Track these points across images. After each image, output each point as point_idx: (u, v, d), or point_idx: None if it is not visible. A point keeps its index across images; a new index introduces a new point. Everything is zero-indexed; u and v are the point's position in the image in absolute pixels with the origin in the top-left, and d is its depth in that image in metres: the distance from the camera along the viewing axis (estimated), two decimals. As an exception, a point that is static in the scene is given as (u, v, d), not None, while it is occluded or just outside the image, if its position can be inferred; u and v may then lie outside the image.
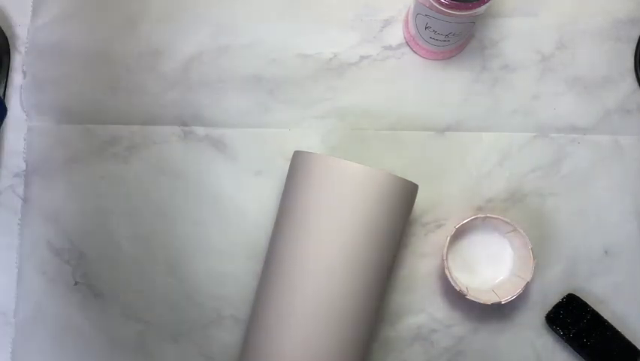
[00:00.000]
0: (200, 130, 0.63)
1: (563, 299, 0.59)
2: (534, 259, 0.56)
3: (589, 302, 0.59)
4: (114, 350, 0.61)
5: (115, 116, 0.64)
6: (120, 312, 0.61)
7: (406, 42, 0.63)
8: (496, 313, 0.60)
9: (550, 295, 0.60)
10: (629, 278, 0.61)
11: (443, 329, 0.60)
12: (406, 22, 0.62)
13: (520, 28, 0.64)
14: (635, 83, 0.63)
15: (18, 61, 0.65)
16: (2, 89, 0.64)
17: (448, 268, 0.56)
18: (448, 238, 0.57)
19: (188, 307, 0.61)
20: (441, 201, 0.62)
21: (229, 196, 0.62)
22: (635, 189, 0.62)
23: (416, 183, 0.54)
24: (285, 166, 0.62)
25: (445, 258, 0.56)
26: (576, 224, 0.61)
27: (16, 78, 0.65)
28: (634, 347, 0.58)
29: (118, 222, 0.62)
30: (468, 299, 0.56)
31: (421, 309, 0.61)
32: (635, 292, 0.61)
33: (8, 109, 0.64)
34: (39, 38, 0.65)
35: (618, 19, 0.64)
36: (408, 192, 0.54)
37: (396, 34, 0.64)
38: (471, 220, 0.57)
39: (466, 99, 0.63)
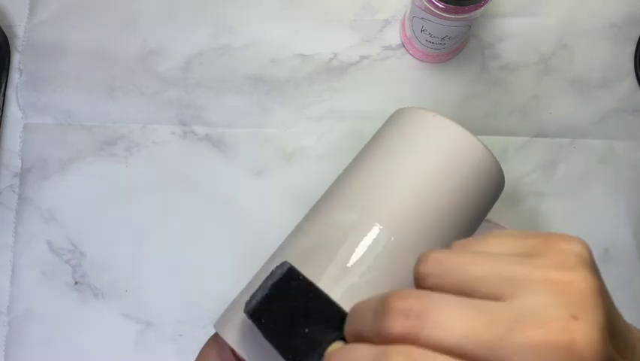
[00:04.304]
0: (199, 130, 0.63)
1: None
2: (529, 262, 0.56)
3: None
4: (114, 349, 0.61)
5: (114, 116, 0.64)
6: (120, 312, 0.61)
7: (403, 44, 0.63)
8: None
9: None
10: (624, 282, 0.61)
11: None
12: (403, 24, 0.62)
13: (519, 28, 0.63)
14: (633, 85, 0.62)
15: (18, 60, 0.65)
16: (2, 89, 0.65)
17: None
18: (445, 242, 0.57)
19: (188, 307, 0.61)
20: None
21: (229, 196, 0.62)
22: (630, 193, 0.62)
23: None
24: (285, 166, 0.62)
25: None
26: (571, 227, 0.61)
27: (17, 78, 0.65)
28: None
29: (118, 222, 0.63)
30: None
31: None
32: (629, 296, 0.60)
33: (8, 109, 0.65)
34: (36, 36, 0.65)
35: (618, 19, 0.63)
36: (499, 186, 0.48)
37: (396, 35, 0.64)
38: (467, 224, 0.57)
39: (466, 100, 0.63)
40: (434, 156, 0.44)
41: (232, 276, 0.61)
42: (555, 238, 0.26)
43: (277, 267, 0.35)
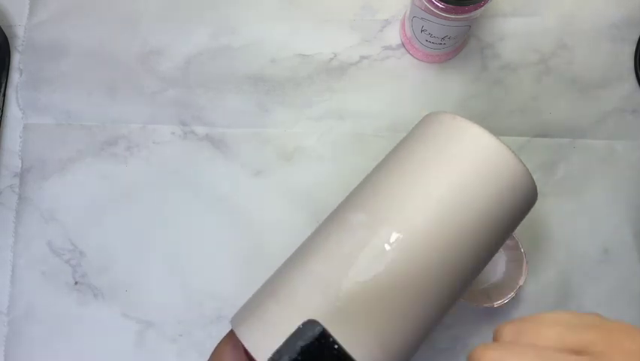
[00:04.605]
0: (199, 130, 0.63)
1: None
2: (527, 263, 0.56)
3: (584, 306, 0.59)
4: (114, 349, 0.61)
5: (114, 116, 0.64)
6: (120, 312, 0.61)
7: (403, 44, 0.63)
8: (491, 315, 0.60)
9: (544, 298, 0.60)
10: (623, 283, 0.60)
11: (442, 329, 0.61)
12: (403, 24, 0.62)
13: (519, 28, 0.63)
14: (633, 85, 0.62)
15: (18, 60, 0.65)
16: (2, 89, 0.65)
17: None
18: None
19: (188, 307, 0.61)
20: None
21: (229, 196, 0.62)
22: (630, 193, 0.61)
23: None
24: (285, 166, 0.62)
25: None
26: (571, 228, 0.61)
27: (17, 78, 0.65)
28: None
29: (118, 222, 0.63)
30: (461, 302, 0.56)
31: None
32: (629, 296, 0.60)
33: (8, 109, 0.65)
34: (36, 36, 0.66)
35: (618, 19, 0.63)
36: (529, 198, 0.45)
37: (396, 35, 0.64)
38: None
39: (466, 100, 0.63)
40: (456, 164, 0.43)
41: (232, 276, 0.62)
42: (618, 335, 0.22)
43: (306, 325, 0.33)
